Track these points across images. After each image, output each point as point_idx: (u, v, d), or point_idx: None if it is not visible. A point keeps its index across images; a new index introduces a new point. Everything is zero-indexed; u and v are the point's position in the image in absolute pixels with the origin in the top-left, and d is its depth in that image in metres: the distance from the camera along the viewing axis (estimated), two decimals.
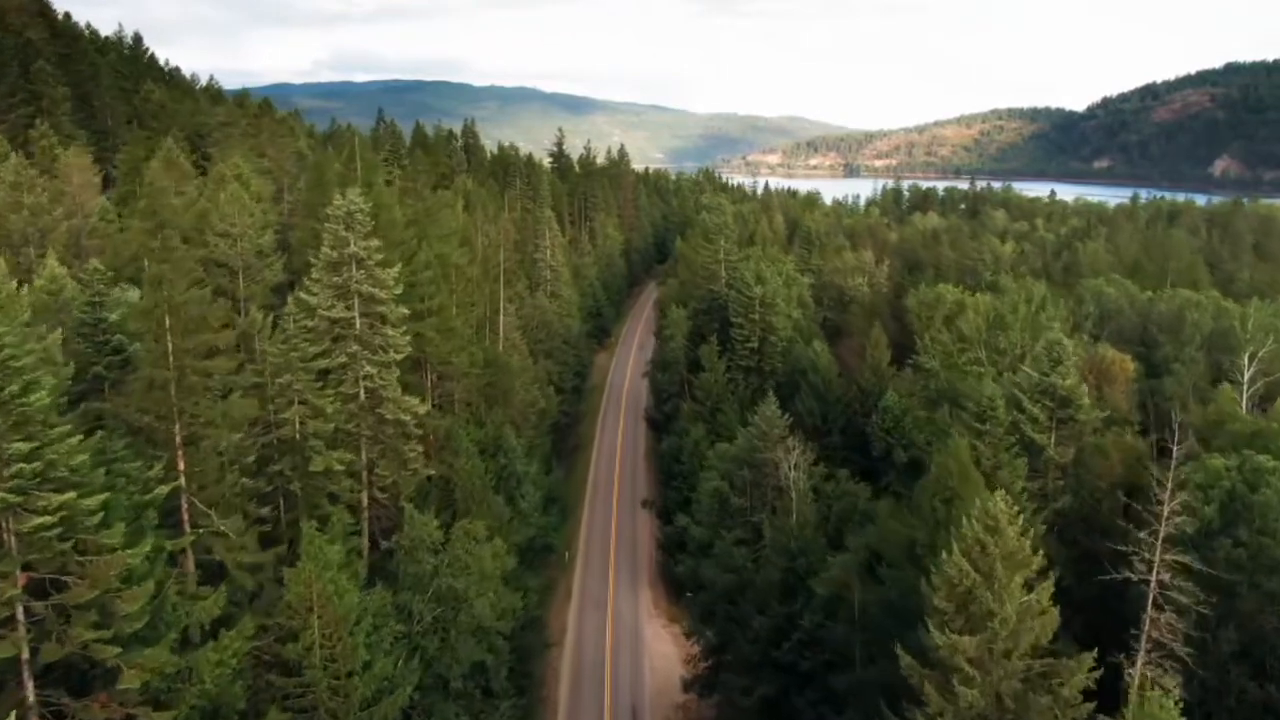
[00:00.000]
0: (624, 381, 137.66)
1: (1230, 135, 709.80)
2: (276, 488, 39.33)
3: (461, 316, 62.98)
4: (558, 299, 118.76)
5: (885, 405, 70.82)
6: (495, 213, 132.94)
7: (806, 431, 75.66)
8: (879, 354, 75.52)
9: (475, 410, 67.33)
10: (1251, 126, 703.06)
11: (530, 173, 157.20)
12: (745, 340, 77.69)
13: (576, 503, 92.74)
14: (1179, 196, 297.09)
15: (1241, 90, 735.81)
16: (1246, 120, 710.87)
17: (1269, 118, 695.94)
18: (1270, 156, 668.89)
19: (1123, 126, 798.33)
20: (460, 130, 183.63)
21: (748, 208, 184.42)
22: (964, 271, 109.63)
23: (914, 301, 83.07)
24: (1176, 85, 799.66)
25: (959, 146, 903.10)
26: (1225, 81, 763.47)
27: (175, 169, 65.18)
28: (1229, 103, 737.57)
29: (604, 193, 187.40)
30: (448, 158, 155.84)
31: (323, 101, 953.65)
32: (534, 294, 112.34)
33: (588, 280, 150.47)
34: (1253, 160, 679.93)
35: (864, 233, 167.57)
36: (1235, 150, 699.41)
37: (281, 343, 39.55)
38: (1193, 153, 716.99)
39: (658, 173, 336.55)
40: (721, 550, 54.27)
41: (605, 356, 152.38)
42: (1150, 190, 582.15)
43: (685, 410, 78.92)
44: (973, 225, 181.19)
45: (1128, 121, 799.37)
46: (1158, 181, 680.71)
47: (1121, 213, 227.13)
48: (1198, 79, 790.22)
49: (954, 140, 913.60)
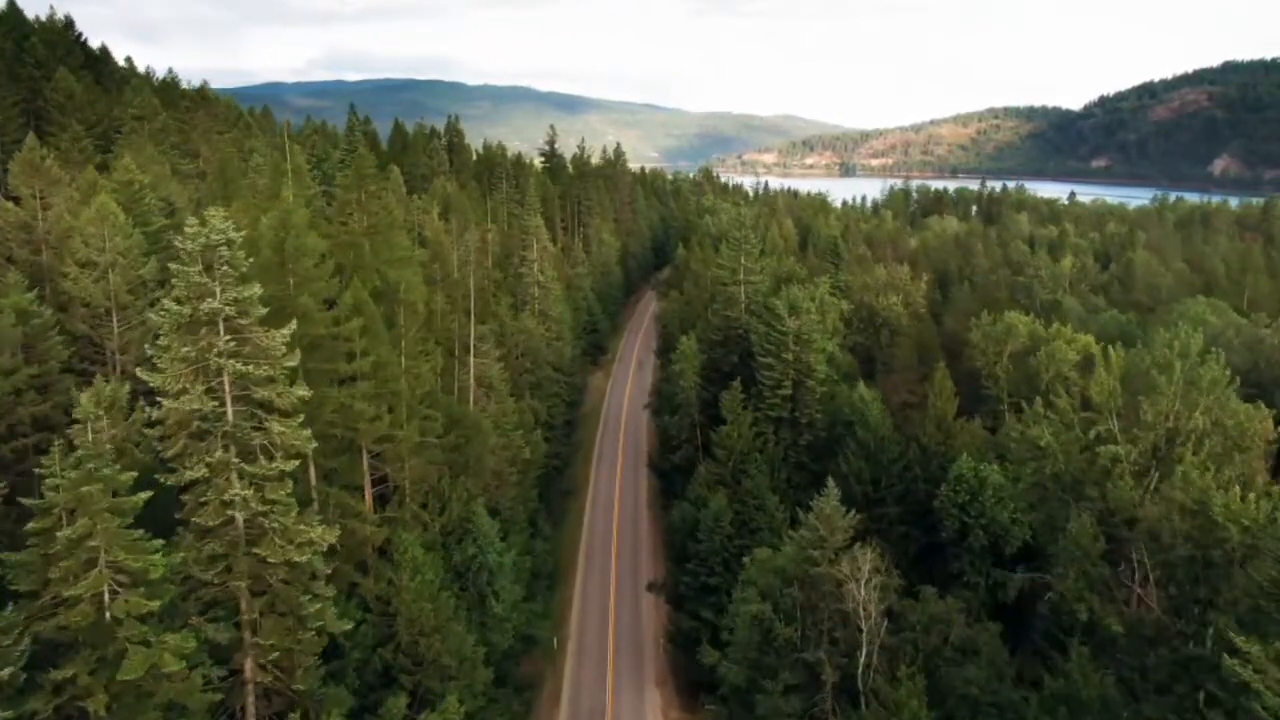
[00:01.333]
0: (622, 408, 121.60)
1: (1229, 134, 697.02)
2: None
3: (416, 369, 46.93)
4: (547, 319, 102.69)
5: (958, 474, 55.08)
6: (476, 221, 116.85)
7: (854, 500, 59.82)
8: (944, 404, 59.65)
9: (434, 492, 51.45)
10: (1250, 125, 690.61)
11: (518, 175, 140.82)
12: (776, 385, 61.54)
13: (567, 570, 76.65)
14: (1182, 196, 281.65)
15: (1240, 89, 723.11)
16: (1245, 119, 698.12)
17: (1268, 116, 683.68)
18: (1270, 155, 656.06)
19: (1120, 126, 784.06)
20: (444, 128, 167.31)
21: (752, 211, 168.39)
22: (1014, 289, 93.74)
23: (979, 335, 67.16)
24: (1174, 84, 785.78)
25: (955, 146, 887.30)
26: (1223, 80, 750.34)
27: (40, 175, 49.02)
28: (1227, 101, 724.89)
29: (599, 195, 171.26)
30: (428, 158, 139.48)
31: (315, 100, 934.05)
32: (519, 315, 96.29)
33: (582, 293, 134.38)
34: (1252, 159, 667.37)
35: (884, 240, 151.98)
36: (1235, 149, 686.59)
37: (73, 468, 23.54)
38: (1192, 151, 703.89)
39: (654, 172, 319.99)
40: (765, 706, 38.45)
41: (601, 377, 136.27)
42: (1150, 189, 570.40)
43: (701, 473, 62.82)
44: (998, 231, 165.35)
45: (1125, 121, 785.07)
46: (1157, 180, 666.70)
47: (1147, 215, 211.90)
48: (1195, 78, 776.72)
49: (950, 139, 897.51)
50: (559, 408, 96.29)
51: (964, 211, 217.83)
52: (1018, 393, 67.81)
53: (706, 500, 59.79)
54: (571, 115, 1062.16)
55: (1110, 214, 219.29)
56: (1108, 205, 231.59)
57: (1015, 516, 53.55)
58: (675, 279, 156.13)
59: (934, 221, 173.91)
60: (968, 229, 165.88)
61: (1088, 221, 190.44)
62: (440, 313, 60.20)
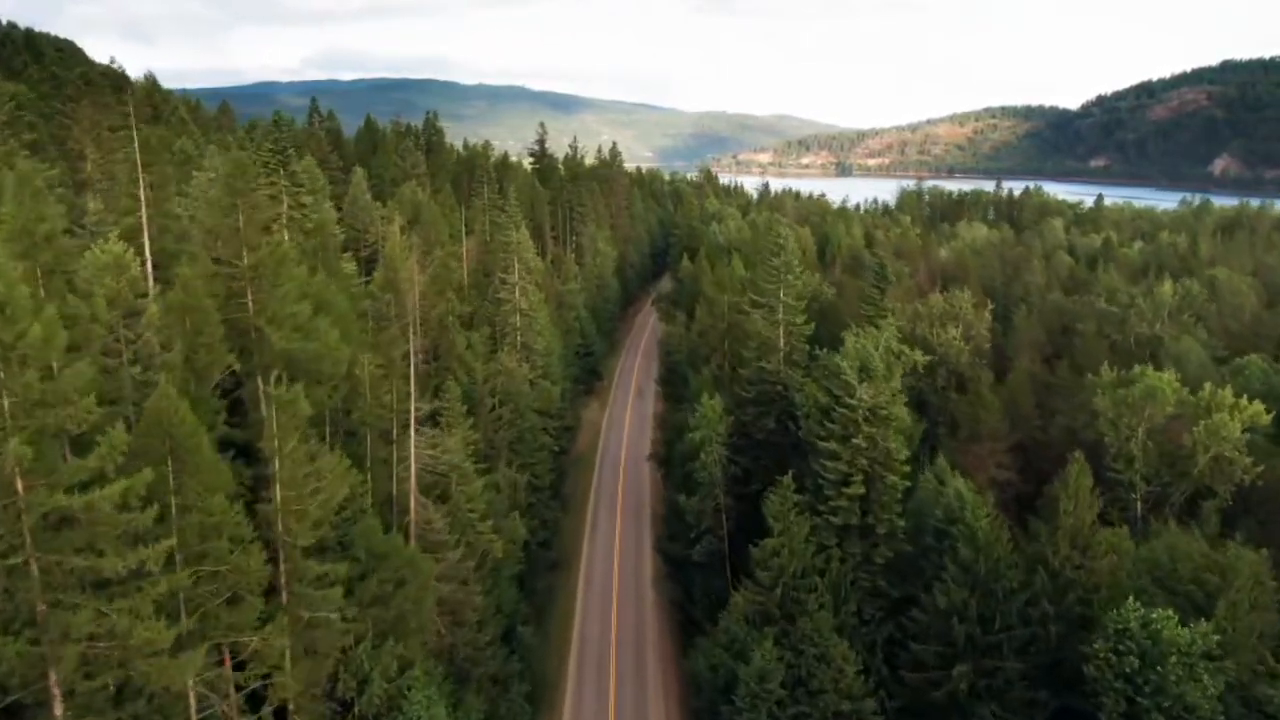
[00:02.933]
0: (621, 449, 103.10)
1: (1229, 134, 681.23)
2: None
3: (300, 508, 28.57)
4: (530, 354, 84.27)
5: (1120, 627, 36.99)
6: (451, 234, 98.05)
7: (955, 645, 41.61)
8: (1082, 510, 41.57)
9: (347, 667, 33.30)
10: (1251, 125, 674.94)
11: (503, 177, 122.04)
12: (843, 482, 43.23)
13: (555, 684, 58.32)
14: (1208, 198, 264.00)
15: (1239, 88, 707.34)
16: (1245, 119, 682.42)
17: (1268, 116, 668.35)
18: (1271, 155, 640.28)
19: (1119, 125, 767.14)
20: (423, 125, 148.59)
21: (762, 217, 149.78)
22: (1101, 319, 75.48)
23: (1107, 402, 48.88)
24: (1173, 83, 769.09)
25: (952, 145, 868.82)
26: (1222, 80, 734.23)
27: None
28: (1227, 101, 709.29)
29: (593, 199, 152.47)
30: (400, 159, 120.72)
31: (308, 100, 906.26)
32: (498, 352, 77.82)
33: (574, 312, 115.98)
34: (1253, 159, 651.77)
35: (913, 251, 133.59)
36: (1235, 149, 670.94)
37: None
38: (1191, 151, 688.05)
39: (651, 172, 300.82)
40: None
41: (596, 408, 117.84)
42: (1150, 189, 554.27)
43: (738, 604, 44.26)
44: (1039, 240, 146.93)
45: (1124, 120, 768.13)
46: (1157, 180, 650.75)
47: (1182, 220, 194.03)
48: (1194, 77, 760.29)
49: (947, 139, 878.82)
50: (545, 464, 77.93)
51: (981, 215, 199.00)
52: (1155, 477, 49.80)
53: (747, 649, 41.50)
54: (567, 115, 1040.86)
55: (1141, 218, 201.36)
56: (1135, 209, 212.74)
57: (1214, 693, 35.55)
58: (679, 294, 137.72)
59: (962, 229, 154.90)
60: (1000, 237, 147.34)
61: (1125, 228, 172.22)
62: (371, 379, 41.74)
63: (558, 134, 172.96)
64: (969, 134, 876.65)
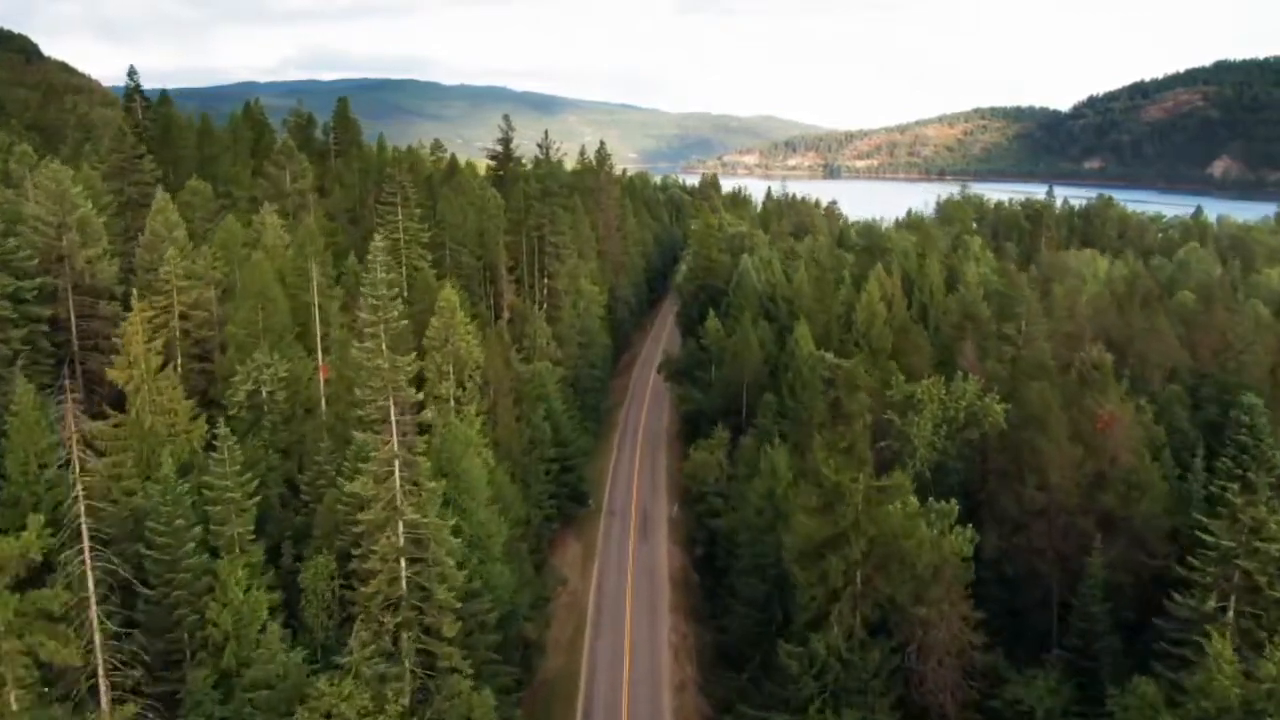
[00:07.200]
0: (620, 690, 58.44)
1: (1228, 135, 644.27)
2: None
3: None
4: (458, 514, 40.34)
5: None
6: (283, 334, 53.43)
7: None
8: None
9: None
10: (1249, 126, 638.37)
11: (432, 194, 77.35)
12: None
13: None
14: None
15: (1235, 89, 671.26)
16: (1243, 119, 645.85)
17: (1266, 117, 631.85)
18: (1273, 157, 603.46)
19: (1112, 126, 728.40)
20: (333, 120, 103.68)
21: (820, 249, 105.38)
22: None
23: None
24: (1166, 84, 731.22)
25: (942, 146, 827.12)
26: (1217, 80, 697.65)
27: None
28: (1223, 101, 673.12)
29: (575, 217, 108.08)
30: (276, 168, 75.79)
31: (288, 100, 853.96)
32: (396, 522, 34.04)
33: (544, 402, 71.95)
34: (1254, 161, 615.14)
35: (1022, 298, 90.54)
36: (1235, 150, 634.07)
37: None
38: (1188, 153, 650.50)
39: (639, 175, 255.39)
40: None
41: (576, 572, 71.60)
42: (1150, 191, 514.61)
43: None
44: (1180, 274, 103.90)
45: (1117, 121, 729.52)
46: (1154, 182, 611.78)
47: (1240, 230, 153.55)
48: (1187, 77, 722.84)
49: (937, 140, 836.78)
50: None
51: (1060, 232, 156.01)
52: None
53: None
54: (549, 116, 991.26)
55: (1246, 234, 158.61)
56: (1235, 224, 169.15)
57: None
58: (696, 359, 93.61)
59: (1071, 259, 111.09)
60: (1129, 271, 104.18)
61: (1172, 241, 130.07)
62: None
63: (536, 135, 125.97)
64: (959, 135, 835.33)
